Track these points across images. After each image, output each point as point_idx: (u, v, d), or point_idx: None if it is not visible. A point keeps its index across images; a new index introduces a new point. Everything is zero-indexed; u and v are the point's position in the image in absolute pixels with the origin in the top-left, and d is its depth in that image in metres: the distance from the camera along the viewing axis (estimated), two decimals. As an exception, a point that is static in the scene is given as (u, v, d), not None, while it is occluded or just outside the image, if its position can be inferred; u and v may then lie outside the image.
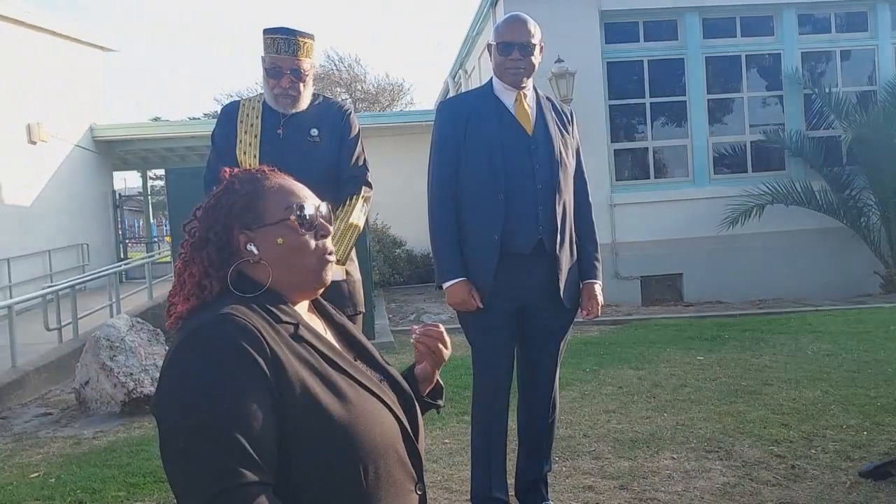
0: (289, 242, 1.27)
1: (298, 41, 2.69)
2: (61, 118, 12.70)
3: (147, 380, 5.17)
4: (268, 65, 2.71)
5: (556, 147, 2.72)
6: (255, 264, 1.26)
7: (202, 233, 1.27)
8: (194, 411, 1.09)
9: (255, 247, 1.26)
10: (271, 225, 1.27)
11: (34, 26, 12.07)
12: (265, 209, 1.28)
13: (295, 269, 1.28)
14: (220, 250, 1.26)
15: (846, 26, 10.10)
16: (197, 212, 1.31)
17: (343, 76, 24.58)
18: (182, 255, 1.29)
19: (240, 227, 1.27)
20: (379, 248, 11.16)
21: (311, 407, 1.15)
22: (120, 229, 16.39)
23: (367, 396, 1.24)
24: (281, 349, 1.17)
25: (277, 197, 1.30)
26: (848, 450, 3.40)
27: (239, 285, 1.24)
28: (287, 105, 2.74)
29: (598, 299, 2.80)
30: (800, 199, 9.13)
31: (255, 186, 1.30)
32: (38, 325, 7.27)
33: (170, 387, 1.14)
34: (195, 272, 1.25)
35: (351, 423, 1.18)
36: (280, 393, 1.13)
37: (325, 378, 1.20)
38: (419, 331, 1.49)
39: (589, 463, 3.43)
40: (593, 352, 5.98)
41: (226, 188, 1.31)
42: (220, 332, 1.14)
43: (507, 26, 2.72)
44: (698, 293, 9.37)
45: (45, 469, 3.96)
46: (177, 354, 1.16)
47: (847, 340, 5.88)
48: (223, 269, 1.25)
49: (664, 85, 9.85)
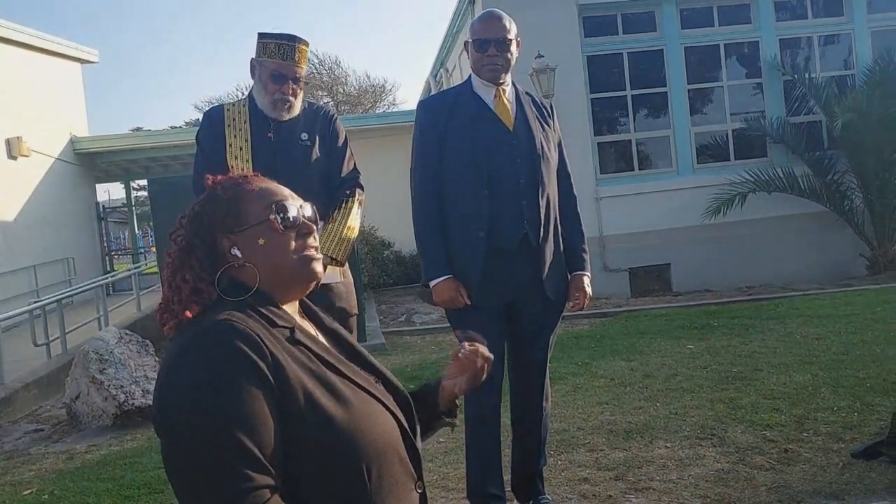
0: (269, 242, 1.27)
1: (300, 48, 2.70)
2: (42, 132, 12.60)
3: (138, 391, 5.14)
4: (272, 70, 2.70)
5: (538, 141, 2.72)
6: (242, 268, 1.26)
7: (189, 239, 1.28)
8: (200, 417, 1.09)
9: (238, 250, 1.26)
10: (252, 226, 1.27)
11: (11, 41, 11.97)
12: (246, 212, 1.28)
13: (279, 268, 1.28)
14: (208, 255, 1.26)
15: (823, 11, 10.18)
16: (182, 220, 1.31)
17: (324, 79, 24.50)
18: (169, 263, 1.29)
19: (223, 232, 1.27)
20: (367, 250, 11.15)
21: (312, 409, 1.15)
22: (105, 241, 16.29)
23: (366, 397, 1.25)
24: (280, 353, 1.17)
25: (258, 199, 1.30)
26: (839, 431, 3.43)
27: (231, 290, 1.24)
28: (283, 111, 2.74)
29: (587, 290, 2.81)
30: (783, 185, 9.20)
31: (237, 191, 1.30)
32: (25, 340, 7.21)
33: (172, 394, 1.13)
34: (189, 278, 1.25)
35: (351, 424, 1.18)
36: (282, 396, 1.14)
37: (324, 380, 1.20)
38: (468, 347, 1.48)
39: (584, 455, 3.44)
40: (584, 345, 5.99)
41: (209, 195, 1.31)
42: (221, 338, 1.14)
43: (482, 23, 2.72)
44: (686, 282, 9.42)
45: (39, 485, 3.93)
46: (177, 361, 1.15)
47: (835, 323, 5.93)
48: (213, 275, 1.25)
49: (645, 77, 9.90)
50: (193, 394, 1.11)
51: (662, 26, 9.80)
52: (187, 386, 1.12)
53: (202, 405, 1.10)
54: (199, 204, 1.31)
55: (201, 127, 2.86)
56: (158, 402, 1.16)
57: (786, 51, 10.09)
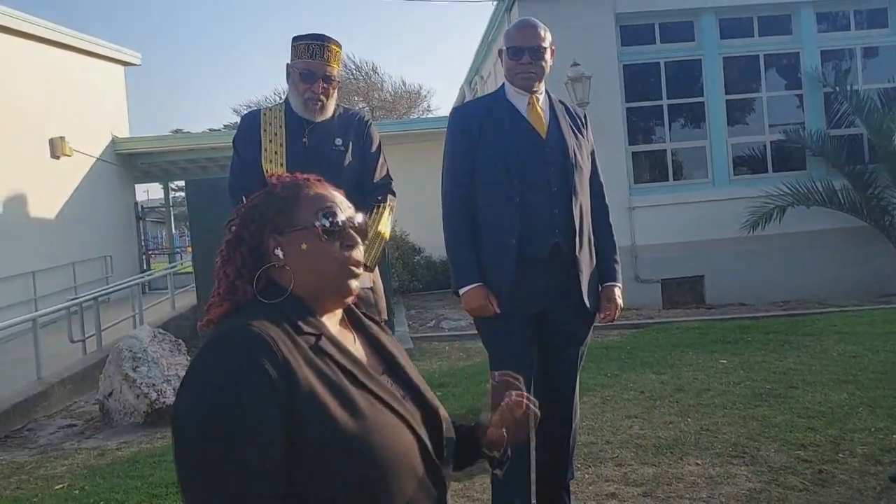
0: (311, 248, 1.26)
1: (330, 47, 2.73)
2: (84, 132, 12.89)
3: (169, 390, 5.21)
4: (301, 69, 2.73)
5: (571, 150, 2.70)
6: (282, 270, 1.25)
7: (239, 231, 1.28)
8: (205, 423, 1.09)
9: (281, 251, 1.26)
10: (298, 230, 1.26)
11: (57, 43, 12.26)
12: (297, 214, 1.28)
13: (316, 276, 1.26)
14: (253, 251, 1.26)
15: (866, 23, 9.97)
16: (240, 209, 1.32)
17: (360, 84, 24.70)
18: (221, 252, 1.29)
19: (271, 231, 1.27)
20: (398, 254, 11.19)
21: (322, 420, 1.13)
22: (143, 240, 16.56)
23: (384, 411, 1.21)
24: (296, 360, 1.15)
25: (311, 203, 1.29)
26: (877, 454, 3.34)
27: (268, 291, 1.24)
28: (315, 111, 2.76)
29: (618, 302, 2.77)
30: (821, 199, 9.01)
31: (294, 192, 1.30)
32: (62, 336, 7.35)
33: (184, 397, 1.14)
34: (230, 272, 1.25)
35: (363, 437, 1.15)
36: (291, 405, 1.12)
37: (341, 391, 1.17)
38: (515, 398, 1.37)
39: (612, 470, 3.39)
40: (615, 356, 5.93)
41: (267, 191, 1.31)
42: (233, 344, 1.14)
43: (517, 31, 2.72)
44: (720, 295, 9.26)
45: (70, 480, 4.00)
46: (193, 365, 1.16)
47: (873, 341, 5.78)
48: (254, 272, 1.24)
49: (681, 86, 9.78)
50: (199, 398, 1.11)
51: (701, 36, 9.68)
52: (195, 390, 1.12)
53: (206, 411, 1.09)
54: (258, 197, 1.31)
55: (238, 131, 2.89)
56: (175, 399, 1.17)
57: (827, 62, 9.90)
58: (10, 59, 11.06)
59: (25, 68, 11.40)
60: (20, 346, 7.95)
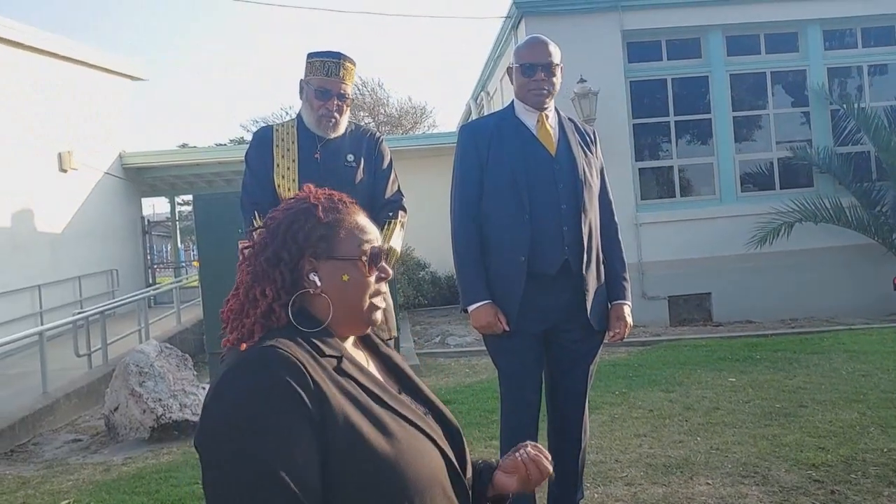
0: (353, 281, 1.27)
1: (346, 65, 2.74)
2: (91, 146, 12.96)
3: (175, 405, 5.19)
4: (316, 86, 2.74)
5: (580, 167, 2.70)
6: (314, 296, 1.24)
7: (277, 251, 1.24)
8: (237, 446, 1.07)
9: (317, 277, 1.24)
10: (341, 260, 1.26)
11: (65, 57, 12.35)
12: (339, 243, 1.27)
13: (350, 306, 1.27)
14: (290, 272, 1.24)
15: (873, 40, 9.98)
16: (269, 222, 1.29)
17: (366, 100, 24.83)
18: (248, 266, 1.26)
19: (311, 255, 1.25)
20: (403, 270, 11.17)
21: (355, 441, 1.12)
22: (149, 254, 16.60)
23: (413, 431, 1.21)
24: (325, 382, 1.14)
25: (354, 233, 1.29)
26: (889, 474, 3.30)
27: (297, 316, 1.22)
28: (329, 128, 2.77)
29: (627, 320, 2.76)
30: (829, 216, 8.98)
31: (337, 218, 1.29)
32: (68, 350, 7.35)
33: (213, 420, 1.12)
34: (269, 293, 1.22)
35: (396, 457, 1.14)
36: (324, 427, 1.11)
37: (369, 412, 1.17)
38: (532, 454, 1.35)
39: (621, 489, 3.36)
40: (622, 374, 5.89)
41: (307, 211, 1.27)
42: (264, 365, 1.12)
43: (528, 48, 2.72)
44: (727, 312, 9.22)
45: (76, 496, 3.98)
46: (220, 387, 1.13)
47: (882, 360, 5.73)
48: (289, 297, 1.22)
49: (688, 103, 9.79)
50: (230, 421, 1.09)
51: (708, 53, 9.70)
52: (226, 413, 1.10)
53: (238, 434, 1.07)
54: (295, 214, 1.27)
55: (250, 146, 2.90)
56: (200, 424, 1.14)
57: (834, 80, 9.91)
58: (19, 72, 11.15)
59: (33, 82, 11.49)
60: (26, 359, 7.96)
